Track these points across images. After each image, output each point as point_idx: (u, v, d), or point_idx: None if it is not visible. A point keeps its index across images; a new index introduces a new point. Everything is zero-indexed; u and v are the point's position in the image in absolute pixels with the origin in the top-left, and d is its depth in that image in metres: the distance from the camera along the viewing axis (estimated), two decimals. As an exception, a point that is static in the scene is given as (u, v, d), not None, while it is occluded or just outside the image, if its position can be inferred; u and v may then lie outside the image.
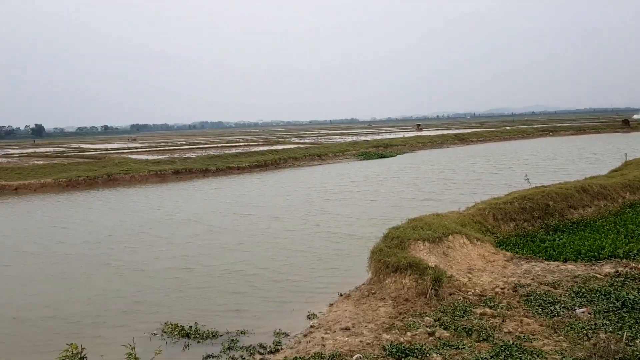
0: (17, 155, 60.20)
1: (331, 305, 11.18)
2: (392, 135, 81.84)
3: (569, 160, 40.91)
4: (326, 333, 9.41)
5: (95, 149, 67.59)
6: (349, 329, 9.40)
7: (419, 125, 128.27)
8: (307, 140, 73.10)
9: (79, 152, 62.54)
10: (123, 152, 57.73)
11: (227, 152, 53.00)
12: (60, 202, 30.39)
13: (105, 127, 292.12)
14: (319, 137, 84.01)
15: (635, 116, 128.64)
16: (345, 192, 28.72)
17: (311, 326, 10.06)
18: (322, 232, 18.92)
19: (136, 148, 67.88)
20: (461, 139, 72.93)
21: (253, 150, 55.05)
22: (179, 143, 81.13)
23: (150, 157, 48.22)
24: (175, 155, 49.41)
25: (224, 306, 12.01)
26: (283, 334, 9.99)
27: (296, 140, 75.67)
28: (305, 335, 9.56)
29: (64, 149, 72.49)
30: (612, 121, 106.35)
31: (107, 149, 66.18)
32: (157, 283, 13.91)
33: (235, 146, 64.05)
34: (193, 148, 61.60)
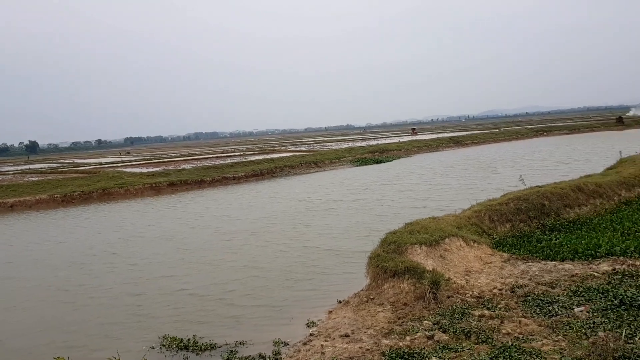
0: (11, 172, 59.95)
1: (330, 312, 11.15)
2: (387, 141, 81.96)
3: (563, 159, 41.03)
4: (325, 340, 9.37)
5: (90, 164, 67.48)
6: (348, 336, 9.37)
7: (414, 129, 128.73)
8: (303, 148, 73.14)
9: (74, 167, 62.36)
10: (117, 166, 57.59)
11: (222, 162, 52.92)
12: (46, 220, 30.26)
13: (99, 142, 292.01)
14: (315, 145, 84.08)
15: (629, 113, 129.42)
16: (332, 201, 27.91)
17: (310, 334, 10.02)
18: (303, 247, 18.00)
19: (130, 161, 67.68)
20: (456, 142, 73.10)
21: (248, 159, 55.05)
22: (173, 155, 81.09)
23: (144, 170, 48.09)
24: (170, 168, 49.33)
25: (222, 318, 11.96)
26: (282, 343, 9.94)
27: (292, 148, 75.71)
28: (304, 344, 9.52)
29: (58, 165, 72.36)
30: (606, 119, 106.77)
31: (101, 163, 66.05)
32: (153, 302, 13.84)
33: (231, 156, 64.02)
34: (188, 159, 61.53)
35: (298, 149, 72.15)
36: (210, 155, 67.95)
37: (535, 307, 9.54)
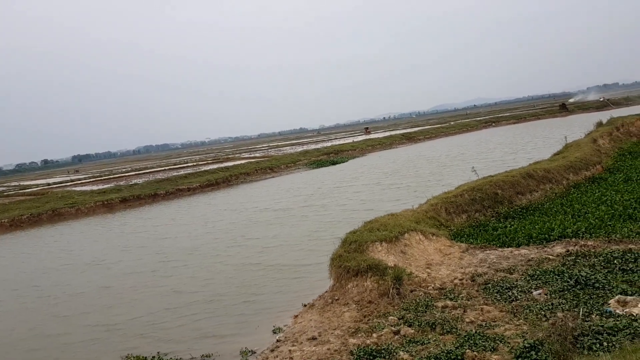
0: (-49, 200, 56.96)
1: (296, 316, 11.07)
2: (342, 141, 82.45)
3: (512, 148, 42.24)
4: (293, 345, 9.28)
5: (37, 185, 64.88)
6: (316, 338, 9.31)
7: (367, 128, 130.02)
8: (257, 154, 72.69)
9: (20, 189, 59.94)
10: (66, 185, 55.65)
11: (175, 174, 51.95)
12: None
13: (45, 161, 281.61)
14: (269, 150, 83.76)
15: (571, 100, 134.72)
16: (288, 208, 27.00)
17: (277, 340, 9.92)
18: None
19: (80, 180, 65.50)
20: (409, 138, 74.25)
21: (202, 169, 54.23)
22: (124, 170, 79.07)
23: (95, 188, 46.65)
24: (122, 183, 48.10)
25: (187, 332, 11.69)
26: (250, 352, 9.81)
27: (246, 155, 75.14)
28: (272, 350, 9.41)
29: (3, 189, 69.27)
30: (550, 106, 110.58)
31: (49, 184, 63.57)
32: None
33: (184, 167, 62.97)
34: (140, 174, 60.18)
35: (252, 155, 71.67)
36: (163, 168, 66.69)
37: (496, 294, 9.75)
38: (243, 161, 60.08)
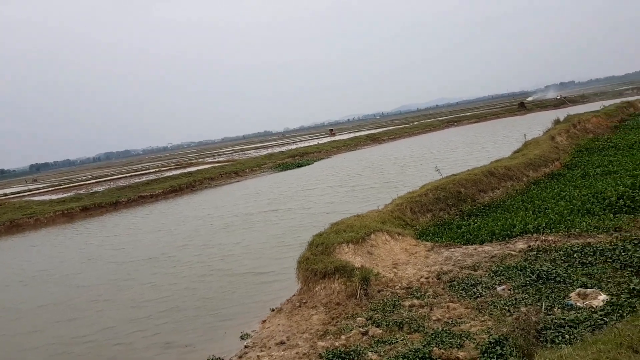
0: None
1: (263, 322, 10.96)
2: (306, 144, 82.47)
3: (474, 146, 43.05)
4: (261, 351, 9.18)
5: (-7, 196, 62.60)
6: (284, 343, 9.24)
7: (332, 130, 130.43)
8: (221, 159, 71.99)
9: (-26, 201, 57.63)
10: (24, 195, 53.76)
11: (137, 180, 50.88)
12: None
13: (2, 171, 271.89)
14: (234, 154, 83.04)
15: (530, 98, 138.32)
16: (254, 213, 26.60)
17: (245, 346, 9.79)
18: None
19: (38, 189, 63.42)
20: (373, 139, 74.82)
21: (165, 175, 53.34)
22: (84, 178, 76.91)
23: (54, 197, 45.20)
24: (82, 192, 46.76)
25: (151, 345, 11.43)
26: (217, 359, 9.64)
27: (210, 159, 74.34)
28: (240, 357, 9.28)
29: (-44, 201, 66.54)
30: (510, 105, 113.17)
31: (5, 194, 61.28)
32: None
33: (146, 174, 61.78)
34: (100, 181, 58.76)
35: (217, 159, 70.96)
36: (124, 175, 65.27)
37: (461, 291, 9.88)
38: (207, 166, 59.40)
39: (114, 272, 18.53)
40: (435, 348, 7.51)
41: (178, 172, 56.12)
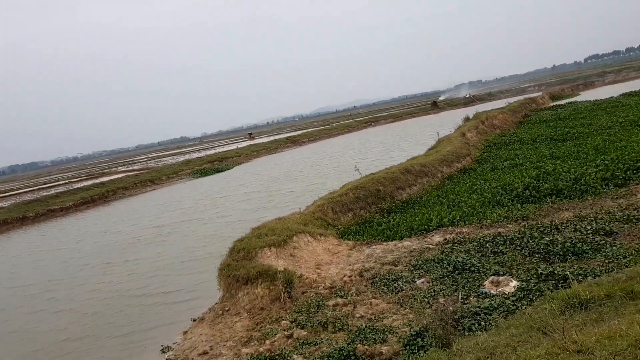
0: None
1: (185, 332, 10.59)
2: (225, 148, 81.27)
3: (390, 145, 44.19)
4: (183, 363, 8.86)
5: None
6: (207, 353, 8.99)
7: (251, 134, 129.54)
8: (136, 167, 69.40)
9: None
10: None
11: (45, 194, 47.99)
12: None
13: None
14: (149, 162, 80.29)
15: (441, 97, 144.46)
16: (170, 224, 25.53)
17: (167, 359, 9.41)
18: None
19: None
20: (293, 142, 74.93)
21: (76, 187, 50.56)
22: (-15, 194, 71.43)
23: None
24: (-16, 208, 43.35)
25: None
26: (137, 376, 9.19)
27: (124, 168, 71.50)
28: (161, 372, 8.90)
29: None
30: (423, 104, 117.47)
31: None
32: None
33: (55, 186, 58.32)
34: (5, 196, 54.89)
35: (131, 168, 68.35)
36: (32, 188, 61.28)
37: (383, 287, 10.05)
38: (121, 175, 57.00)
39: (17, 297, 17.08)
40: (359, 345, 7.57)
41: (90, 182, 53.54)
